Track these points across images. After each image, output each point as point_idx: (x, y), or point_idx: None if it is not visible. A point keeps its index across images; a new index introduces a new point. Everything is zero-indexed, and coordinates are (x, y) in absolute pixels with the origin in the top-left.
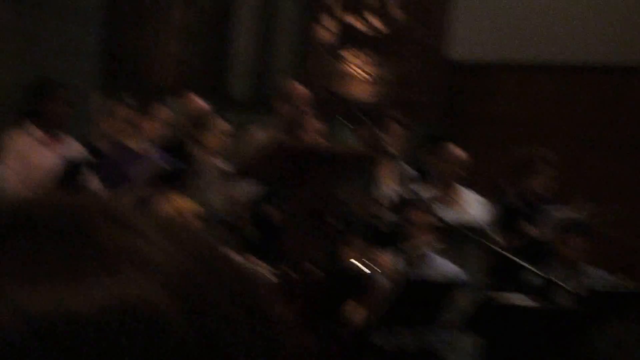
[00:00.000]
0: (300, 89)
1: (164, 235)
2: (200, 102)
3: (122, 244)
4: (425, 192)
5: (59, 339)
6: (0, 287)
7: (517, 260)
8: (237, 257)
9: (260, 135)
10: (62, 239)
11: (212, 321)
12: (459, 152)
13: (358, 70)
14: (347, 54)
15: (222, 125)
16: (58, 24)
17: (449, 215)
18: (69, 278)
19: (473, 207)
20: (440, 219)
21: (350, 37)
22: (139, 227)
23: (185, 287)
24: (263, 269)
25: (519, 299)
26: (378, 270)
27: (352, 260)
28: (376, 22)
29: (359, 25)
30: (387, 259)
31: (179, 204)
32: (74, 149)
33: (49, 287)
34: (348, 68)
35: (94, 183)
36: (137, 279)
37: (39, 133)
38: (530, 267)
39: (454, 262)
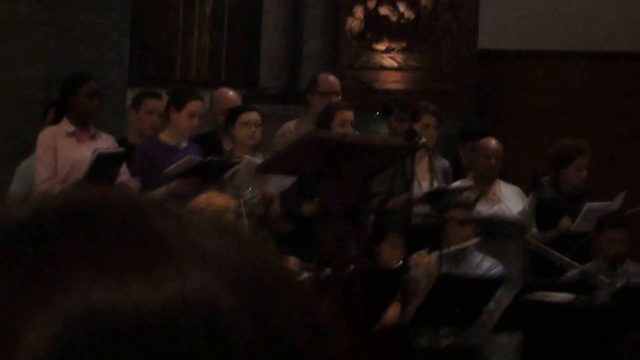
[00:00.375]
0: (331, 79)
1: (214, 230)
2: (231, 94)
3: (178, 235)
4: (462, 186)
5: (127, 334)
6: (66, 280)
7: (557, 255)
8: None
9: (292, 127)
10: (120, 230)
11: (274, 320)
12: (495, 144)
13: (388, 60)
14: (377, 43)
15: (254, 117)
16: (87, 16)
17: (488, 209)
18: (134, 269)
19: (511, 201)
20: (479, 214)
21: (380, 26)
22: (191, 219)
23: (243, 282)
24: (297, 266)
25: (559, 296)
26: (416, 267)
27: (390, 258)
28: (406, 11)
29: (389, 14)
30: (426, 255)
31: (216, 199)
32: (107, 142)
33: (116, 278)
34: (378, 57)
35: (127, 177)
36: (197, 271)
37: (70, 127)
38: (570, 262)
39: (493, 258)
